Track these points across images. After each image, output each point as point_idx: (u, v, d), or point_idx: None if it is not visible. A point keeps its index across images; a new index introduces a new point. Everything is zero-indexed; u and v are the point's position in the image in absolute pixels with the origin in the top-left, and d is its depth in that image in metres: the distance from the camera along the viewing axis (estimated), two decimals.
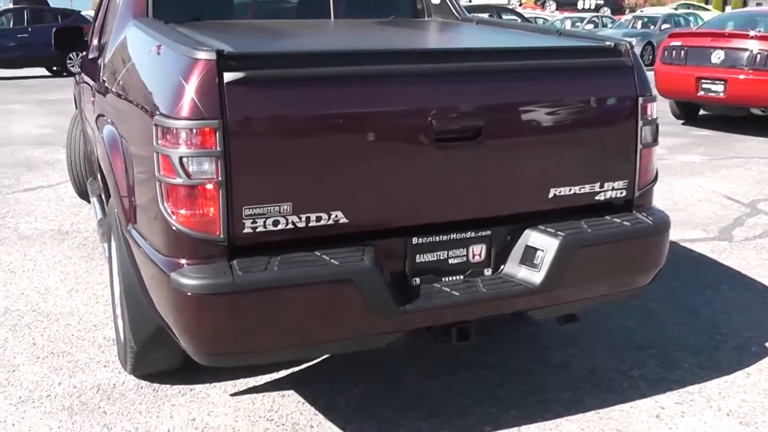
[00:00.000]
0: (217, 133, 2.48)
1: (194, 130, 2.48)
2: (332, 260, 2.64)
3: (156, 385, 3.47)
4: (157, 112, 2.61)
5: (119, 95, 3.34)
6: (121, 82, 3.38)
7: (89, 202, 5.78)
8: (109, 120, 3.60)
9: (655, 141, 3.18)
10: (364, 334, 2.78)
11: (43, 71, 20.53)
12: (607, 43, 3.17)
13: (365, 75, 2.71)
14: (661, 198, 6.36)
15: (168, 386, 3.45)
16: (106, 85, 3.77)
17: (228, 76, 2.49)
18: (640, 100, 3.08)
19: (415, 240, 2.85)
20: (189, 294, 2.52)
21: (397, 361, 3.67)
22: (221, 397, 3.37)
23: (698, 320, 4.21)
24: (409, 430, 3.14)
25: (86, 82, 4.77)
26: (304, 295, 2.61)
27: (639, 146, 3.11)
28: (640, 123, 3.09)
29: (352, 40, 3.78)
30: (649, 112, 3.12)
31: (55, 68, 20.46)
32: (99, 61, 4.16)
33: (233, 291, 2.52)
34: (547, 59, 3.05)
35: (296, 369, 3.62)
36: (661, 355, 3.82)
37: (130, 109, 3.07)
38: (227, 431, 3.12)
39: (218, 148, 2.49)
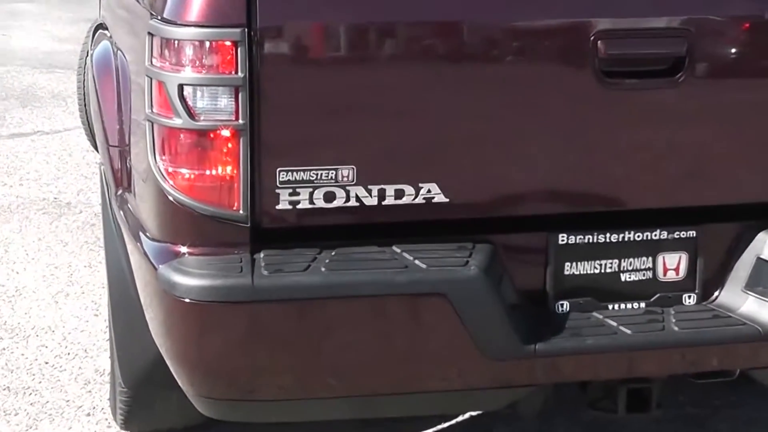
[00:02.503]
0: (239, 50, 2.57)
1: (203, 44, 2.59)
2: (417, 261, 2.70)
3: None
4: (153, 16, 2.73)
5: None
6: None
7: None
8: (107, 32, 3.82)
9: None
10: (466, 385, 2.84)
11: None
12: None
13: None
14: None
15: None
16: None
17: None
18: None
19: (563, 238, 2.89)
20: (182, 300, 2.63)
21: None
22: None
23: None
24: None
25: None
26: (365, 315, 2.70)
27: None
28: None
29: None
30: None
31: None
32: None
33: (251, 299, 2.62)
34: None
35: None
36: None
37: (127, 12, 3.25)
38: None
39: (240, 74, 2.59)
